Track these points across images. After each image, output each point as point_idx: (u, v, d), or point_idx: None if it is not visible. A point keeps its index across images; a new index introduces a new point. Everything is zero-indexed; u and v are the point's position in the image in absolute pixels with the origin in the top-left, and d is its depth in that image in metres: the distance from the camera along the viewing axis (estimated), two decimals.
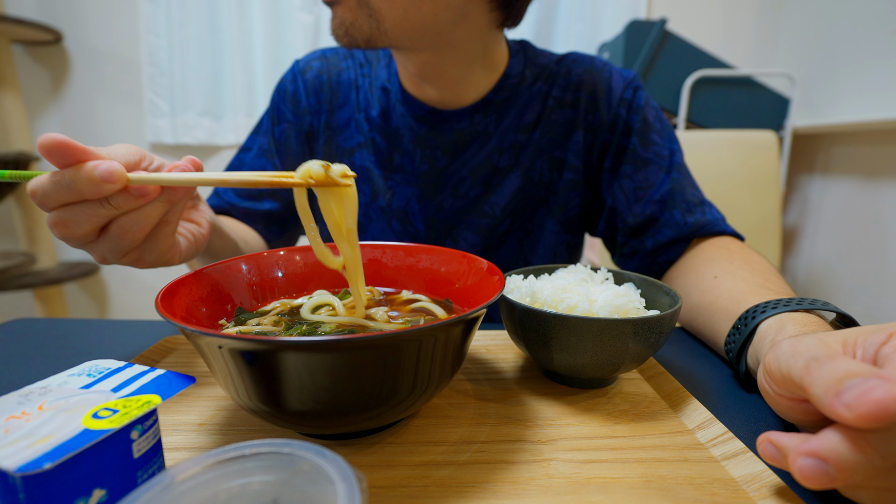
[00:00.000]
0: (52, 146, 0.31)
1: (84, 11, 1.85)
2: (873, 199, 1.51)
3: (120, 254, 0.38)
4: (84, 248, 0.38)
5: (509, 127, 0.66)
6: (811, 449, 0.22)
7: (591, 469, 0.29)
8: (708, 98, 1.66)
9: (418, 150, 0.66)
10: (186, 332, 0.26)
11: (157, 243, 0.39)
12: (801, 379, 0.25)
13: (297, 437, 0.32)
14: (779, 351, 0.28)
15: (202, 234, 0.46)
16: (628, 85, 0.66)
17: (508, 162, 0.66)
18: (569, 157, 0.67)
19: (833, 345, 0.26)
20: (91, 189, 0.32)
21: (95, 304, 2.14)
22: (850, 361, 0.23)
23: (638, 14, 1.85)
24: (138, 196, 0.34)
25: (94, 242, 0.37)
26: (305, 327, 0.35)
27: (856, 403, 0.21)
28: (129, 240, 0.36)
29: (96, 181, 0.32)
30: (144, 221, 0.36)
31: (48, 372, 0.41)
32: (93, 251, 0.38)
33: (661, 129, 0.66)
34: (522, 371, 0.42)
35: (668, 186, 0.63)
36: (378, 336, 0.24)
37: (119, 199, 0.34)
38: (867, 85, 1.50)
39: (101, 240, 0.37)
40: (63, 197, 0.33)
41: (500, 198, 0.67)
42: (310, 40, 1.83)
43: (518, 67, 0.66)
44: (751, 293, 0.46)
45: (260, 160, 0.71)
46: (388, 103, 0.67)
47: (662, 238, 0.62)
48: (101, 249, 0.37)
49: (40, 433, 0.20)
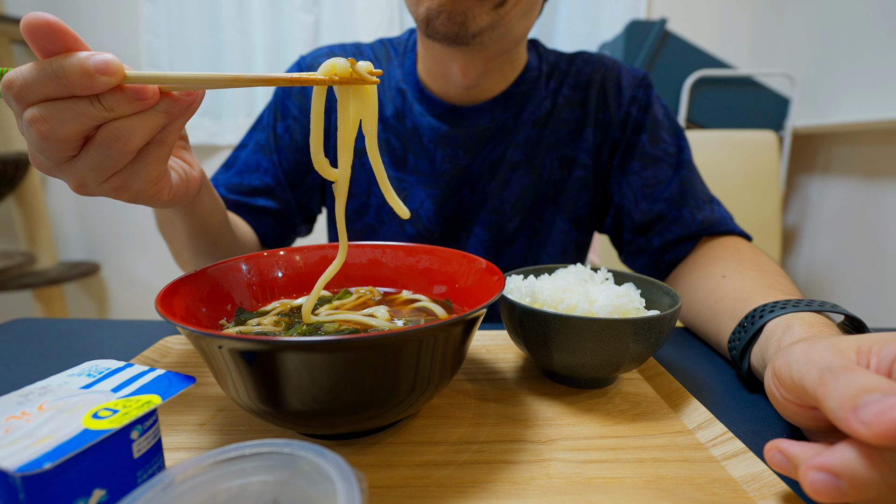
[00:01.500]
0: (39, 26, 0.27)
1: (84, 11, 1.85)
2: (873, 199, 1.51)
3: (104, 173, 0.32)
4: (61, 170, 0.33)
5: (526, 121, 0.66)
6: (824, 463, 0.22)
7: (591, 469, 0.29)
8: (708, 98, 1.66)
9: (439, 150, 0.65)
10: (186, 332, 0.26)
11: (148, 167, 0.33)
12: (814, 389, 0.24)
13: (297, 437, 0.32)
14: (790, 356, 0.27)
15: (194, 177, 0.41)
16: (639, 83, 0.66)
17: (520, 157, 0.66)
18: (579, 154, 0.66)
19: (847, 352, 0.26)
20: (83, 81, 0.28)
21: (95, 304, 2.14)
22: (868, 374, 0.23)
23: (638, 14, 1.85)
24: (134, 98, 0.29)
25: (74, 158, 0.32)
26: (305, 327, 0.35)
27: (874, 421, 0.20)
28: (117, 150, 0.31)
29: (90, 72, 0.27)
30: (137, 130, 0.31)
31: (48, 372, 0.41)
32: (72, 170, 0.32)
33: (671, 126, 0.66)
34: (522, 371, 0.42)
35: (676, 183, 0.63)
36: (378, 336, 0.24)
37: (112, 98, 0.29)
38: (867, 85, 1.50)
39: (85, 153, 0.31)
40: (47, 88, 0.28)
41: (509, 193, 0.67)
42: (310, 40, 1.83)
43: (535, 62, 0.67)
44: (759, 293, 0.45)
45: (256, 156, 0.68)
46: (404, 103, 0.66)
47: (671, 236, 0.62)
48: (83, 167, 0.32)
49: (40, 433, 0.20)
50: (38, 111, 0.29)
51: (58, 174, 0.33)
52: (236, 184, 0.68)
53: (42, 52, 0.28)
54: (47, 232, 1.91)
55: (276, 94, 0.70)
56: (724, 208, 0.64)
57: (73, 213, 2.03)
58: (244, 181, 0.68)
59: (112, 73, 0.28)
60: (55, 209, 2.01)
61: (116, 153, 0.31)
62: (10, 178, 1.70)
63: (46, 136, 0.29)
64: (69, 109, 0.29)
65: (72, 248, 2.06)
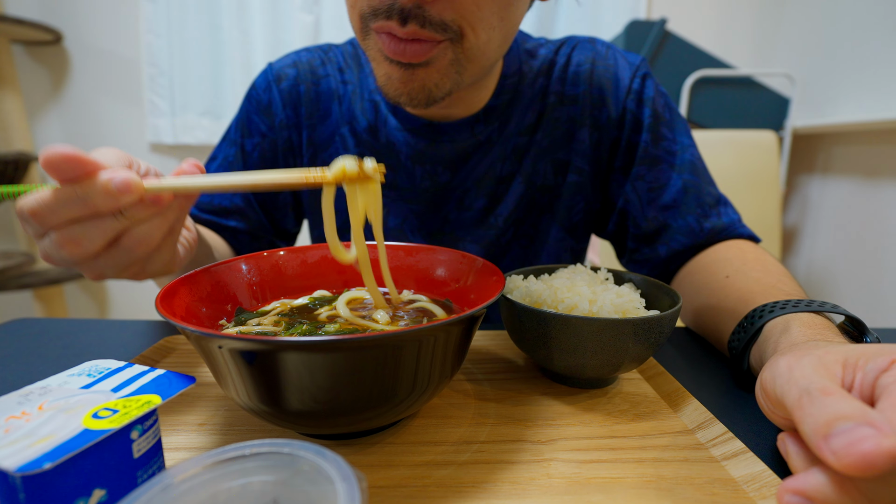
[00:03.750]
0: (61, 160, 0.29)
1: (84, 11, 1.85)
2: (873, 199, 1.51)
3: (123, 268, 0.35)
4: (79, 266, 0.35)
5: (513, 131, 0.61)
6: (798, 487, 0.22)
7: (591, 469, 0.29)
8: (708, 98, 1.66)
9: (417, 167, 0.62)
10: (186, 332, 0.26)
11: (163, 253, 0.37)
12: (791, 410, 0.24)
13: (297, 437, 0.32)
14: (776, 370, 0.27)
15: (193, 238, 0.44)
16: (636, 73, 0.61)
17: (511, 169, 0.62)
18: (573, 158, 0.62)
19: (832, 367, 0.26)
20: (107, 202, 0.30)
21: (95, 304, 2.14)
22: (843, 401, 0.23)
23: (638, 14, 1.85)
24: (151, 204, 0.32)
25: (95, 258, 0.34)
26: (306, 327, 0.35)
27: (843, 453, 0.20)
28: (141, 252, 0.34)
29: (113, 193, 0.30)
30: (157, 231, 0.34)
31: (48, 372, 0.41)
32: (91, 267, 0.35)
33: (671, 119, 0.61)
34: (522, 371, 0.42)
35: (680, 187, 0.59)
36: (378, 336, 0.24)
37: (133, 209, 0.32)
38: (867, 85, 1.50)
39: (107, 255, 0.34)
40: (73, 213, 0.30)
41: (504, 208, 0.63)
42: (310, 40, 1.83)
43: (514, 65, 0.61)
44: (761, 293, 0.44)
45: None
46: (377, 116, 0.62)
47: (677, 245, 0.59)
48: (103, 265, 0.34)
49: (40, 433, 0.20)
50: (68, 234, 0.31)
51: (76, 268, 0.35)
52: (207, 202, 0.64)
53: (63, 181, 0.30)
54: None
55: (244, 108, 0.66)
56: (731, 209, 0.61)
57: None
58: (214, 201, 0.64)
59: (133, 191, 0.30)
60: None
61: (140, 253, 0.34)
62: (10, 178, 1.70)
63: (77, 255, 0.32)
64: (96, 228, 0.31)
65: None
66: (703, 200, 0.59)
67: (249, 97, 0.66)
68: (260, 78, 0.66)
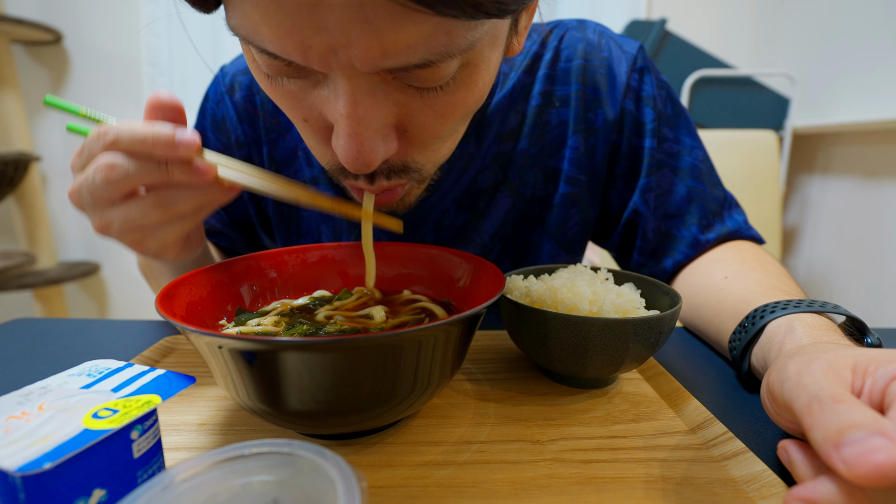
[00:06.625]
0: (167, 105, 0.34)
1: (84, 11, 1.85)
2: (873, 199, 1.51)
3: (130, 228, 0.35)
4: (95, 210, 0.35)
5: (492, 139, 0.55)
6: (806, 496, 0.22)
7: (591, 469, 0.29)
8: (708, 98, 1.66)
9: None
10: (186, 332, 0.26)
11: (169, 233, 0.37)
12: (801, 416, 0.24)
13: (297, 437, 0.32)
14: (784, 374, 0.27)
15: (199, 237, 0.43)
16: (633, 67, 0.55)
17: (494, 180, 0.56)
18: (564, 166, 0.56)
19: (842, 372, 0.25)
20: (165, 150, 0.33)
21: (95, 304, 2.14)
22: (855, 408, 0.22)
23: (638, 14, 1.85)
24: (194, 173, 0.33)
25: (113, 205, 0.34)
26: (306, 327, 0.35)
27: (854, 462, 0.20)
28: (156, 215, 0.34)
29: (174, 145, 0.32)
30: (181, 202, 0.35)
31: (48, 372, 0.41)
32: (104, 213, 0.35)
33: (674, 115, 0.57)
34: (522, 371, 0.42)
35: (684, 194, 0.56)
36: (378, 336, 0.24)
37: (178, 168, 0.33)
38: (867, 85, 1.50)
39: (124, 205, 0.34)
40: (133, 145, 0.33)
41: (489, 224, 0.57)
42: None
43: None
44: (761, 294, 0.44)
45: None
46: None
47: (681, 258, 0.57)
48: (116, 215, 0.35)
49: (40, 433, 0.20)
50: (113, 158, 0.33)
51: (89, 212, 0.36)
52: None
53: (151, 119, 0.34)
54: (47, 232, 1.91)
55: (198, 123, 0.61)
56: (737, 210, 0.58)
57: (73, 214, 2.03)
58: None
59: (192, 149, 0.33)
60: (55, 209, 2.01)
61: (154, 216, 0.35)
62: (10, 178, 1.70)
63: (110, 181, 0.33)
64: (138, 168, 0.33)
65: (72, 248, 2.06)
66: (707, 209, 0.56)
67: (203, 111, 0.61)
68: (211, 88, 0.60)
